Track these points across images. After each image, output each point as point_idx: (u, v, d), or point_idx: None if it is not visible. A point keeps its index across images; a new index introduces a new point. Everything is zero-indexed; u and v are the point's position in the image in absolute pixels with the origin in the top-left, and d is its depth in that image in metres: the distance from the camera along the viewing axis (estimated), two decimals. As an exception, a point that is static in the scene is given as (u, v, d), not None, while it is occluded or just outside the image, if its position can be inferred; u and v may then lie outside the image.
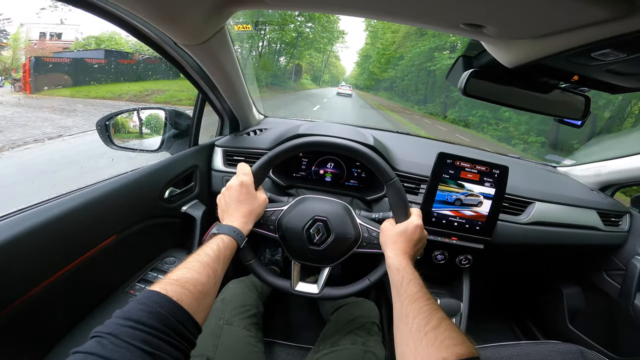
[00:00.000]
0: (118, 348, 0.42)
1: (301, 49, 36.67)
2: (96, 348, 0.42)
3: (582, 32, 0.54)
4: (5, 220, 0.67)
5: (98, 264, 0.87)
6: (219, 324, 0.98)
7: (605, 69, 0.68)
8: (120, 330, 0.44)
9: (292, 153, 0.91)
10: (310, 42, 37.50)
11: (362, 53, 51.15)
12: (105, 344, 0.42)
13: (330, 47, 43.75)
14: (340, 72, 74.01)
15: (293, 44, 33.45)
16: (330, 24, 37.12)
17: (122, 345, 0.42)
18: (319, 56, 47.07)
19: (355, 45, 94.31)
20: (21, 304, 0.68)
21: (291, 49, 33.78)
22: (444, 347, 0.52)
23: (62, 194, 0.82)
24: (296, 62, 34.40)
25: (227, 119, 1.41)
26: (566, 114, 0.89)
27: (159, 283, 0.55)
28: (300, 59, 38.24)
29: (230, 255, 0.73)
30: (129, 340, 0.43)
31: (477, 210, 1.14)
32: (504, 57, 0.76)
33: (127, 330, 0.44)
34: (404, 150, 1.38)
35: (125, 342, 0.43)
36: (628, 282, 1.41)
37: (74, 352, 0.41)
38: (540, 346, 1.06)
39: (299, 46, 34.99)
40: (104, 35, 8.05)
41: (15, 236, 0.65)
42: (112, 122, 1.21)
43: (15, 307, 0.67)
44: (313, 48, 39.61)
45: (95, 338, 0.43)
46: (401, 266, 0.75)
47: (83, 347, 0.42)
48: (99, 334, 0.44)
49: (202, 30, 0.80)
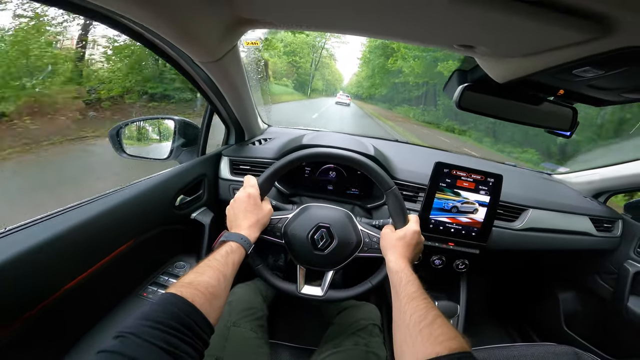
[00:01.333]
0: (140, 347, 0.45)
1: (271, 38, 26.19)
2: (120, 347, 0.45)
3: (563, 52, 0.59)
4: (34, 226, 0.72)
5: (115, 268, 0.91)
6: (227, 325, 1.01)
7: (587, 84, 0.73)
8: (142, 329, 0.48)
9: (295, 164, 0.97)
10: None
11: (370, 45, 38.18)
12: (128, 343, 0.46)
13: (322, 42, 35.95)
14: (337, 79, 65.69)
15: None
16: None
17: (143, 344, 0.46)
18: (304, 52, 37.48)
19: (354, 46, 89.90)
20: (44, 307, 0.72)
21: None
22: (438, 342, 0.56)
23: (84, 200, 0.86)
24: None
25: (234, 129, 1.46)
26: (555, 125, 0.93)
27: (173, 286, 0.59)
28: (269, 50, 27.04)
29: (238, 260, 0.77)
30: (150, 339, 0.46)
31: (473, 217, 1.19)
32: (495, 73, 0.82)
33: (148, 330, 0.48)
34: (403, 159, 1.43)
35: (146, 341, 0.46)
36: (621, 285, 1.46)
37: (100, 351, 0.45)
38: (536, 348, 1.08)
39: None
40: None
41: (43, 241, 0.69)
42: (123, 132, 1.25)
43: (41, 309, 0.71)
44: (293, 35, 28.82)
45: (118, 338, 0.47)
46: (400, 269, 0.79)
47: (108, 346, 0.45)
48: (122, 333, 0.47)
49: (218, 49, 0.86)
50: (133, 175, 1.10)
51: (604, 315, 1.58)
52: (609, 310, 1.52)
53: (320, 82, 51.82)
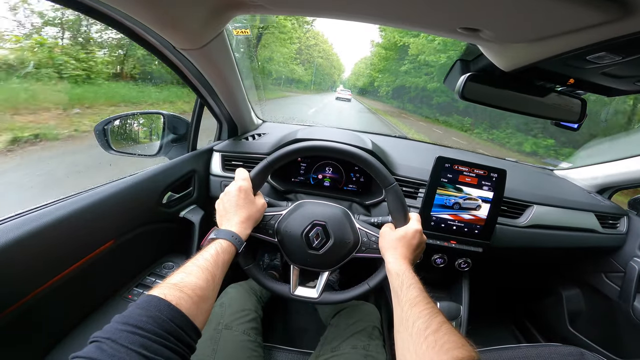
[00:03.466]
0: (117, 353, 0.42)
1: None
2: (95, 353, 0.41)
3: (578, 36, 0.55)
4: (1, 226, 0.67)
5: (96, 269, 0.87)
6: (217, 328, 0.97)
7: (601, 71, 0.69)
8: (119, 334, 0.44)
9: (290, 158, 0.91)
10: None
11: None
12: (104, 348, 0.42)
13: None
14: (335, 66, 56.31)
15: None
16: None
17: (120, 350, 0.42)
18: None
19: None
20: (16, 310, 0.67)
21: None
22: (443, 351, 0.53)
23: (59, 198, 0.81)
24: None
25: (226, 124, 1.41)
26: (563, 117, 0.90)
27: (157, 287, 0.55)
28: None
29: (229, 259, 0.72)
30: (128, 345, 0.43)
31: (476, 213, 1.15)
32: (500, 60, 0.77)
33: (126, 335, 0.44)
34: (403, 154, 1.39)
35: (124, 346, 0.42)
36: (627, 284, 1.42)
37: (73, 357, 0.41)
38: (542, 349, 1.06)
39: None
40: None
41: (12, 241, 0.64)
42: (110, 127, 1.20)
43: (10, 313, 0.66)
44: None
45: (94, 343, 0.43)
46: (401, 271, 0.75)
47: (82, 352, 0.42)
48: (97, 338, 0.44)
49: (202, 35, 0.81)
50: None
51: (610, 315, 1.54)
52: (615, 310, 1.48)
53: (308, 75, 41.57)
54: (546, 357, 1.02)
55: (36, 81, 4.50)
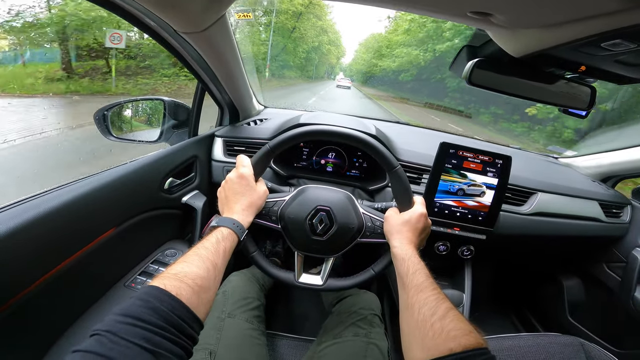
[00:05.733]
0: (117, 346, 0.41)
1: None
2: (95, 346, 0.41)
3: (593, 22, 0.53)
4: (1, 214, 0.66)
5: (98, 257, 0.86)
6: (220, 317, 0.97)
7: (615, 59, 0.66)
8: (119, 327, 0.43)
9: (292, 143, 0.89)
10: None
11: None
12: (104, 342, 0.41)
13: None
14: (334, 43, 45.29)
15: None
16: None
17: (120, 342, 0.41)
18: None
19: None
20: (19, 300, 0.66)
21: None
22: (450, 338, 0.52)
23: (60, 185, 0.80)
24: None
25: (227, 109, 1.39)
26: (571, 104, 0.88)
27: (157, 278, 0.54)
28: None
29: (230, 247, 0.71)
30: (128, 338, 0.42)
31: (480, 200, 1.14)
32: (510, 46, 0.75)
33: (126, 327, 0.43)
34: (406, 140, 1.37)
35: (124, 339, 0.41)
36: (628, 275, 1.41)
37: (74, 350, 0.40)
38: (542, 338, 1.07)
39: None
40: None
41: (12, 230, 0.63)
42: (110, 113, 1.19)
43: (14, 304, 0.65)
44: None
45: (94, 336, 0.42)
46: (407, 256, 0.74)
47: (82, 346, 0.41)
48: (98, 331, 0.43)
49: (203, 18, 0.79)
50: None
51: (610, 306, 1.54)
52: (616, 300, 1.48)
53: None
54: (546, 346, 1.03)
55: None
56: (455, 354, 0.49)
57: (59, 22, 6.26)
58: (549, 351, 1.02)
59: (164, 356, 0.43)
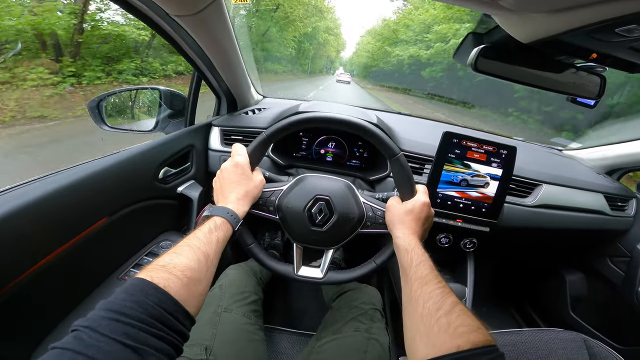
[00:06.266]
0: (96, 342, 0.38)
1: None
2: (72, 343, 0.38)
3: (608, 6, 0.50)
4: None
5: (88, 249, 0.83)
6: (217, 311, 0.95)
7: (629, 46, 0.63)
8: (100, 322, 0.40)
9: (289, 131, 0.86)
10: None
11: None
12: (82, 338, 0.38)
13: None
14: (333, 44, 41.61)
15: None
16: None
17: (100, 339, 0.38)
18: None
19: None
20: (7, 293, 0.63)
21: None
22: (457, 334, 0.49)
23: (47, 173, 0.77)
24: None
25: (225, 99, 1.36)
26: (580, 93, 0.85)
27: (144, 270, 0.51)
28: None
29: (224, 237, 0.68)
30: (108, 334, 0.39)
31: (484, 191, 1.11)
32: (518, 32, 0.72)
33: (107, 322, 0.40)
34: (408, 130, 1.34)
35: (104, 335, 0.39)
36: (632, 269, 1.39)
37: (52, 347, 0.38)
38: (544, 334, 1.07)
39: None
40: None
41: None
42: (105, 103, 1.17)
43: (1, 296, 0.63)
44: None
45: (73, 332, 0.40)
46: (410, 247, 0.71)
47: (60, 343, 0.38)
48: (77, 327, 0.40)
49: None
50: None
51: (613, 301, 1.52)
52: (619, 296, 1.46)
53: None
54: (548, 342, 1.02)
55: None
56: (464, 352, 0.47)
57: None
58: (551, 347, 1.01)
59: (149, 353, 0.41)
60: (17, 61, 5.75)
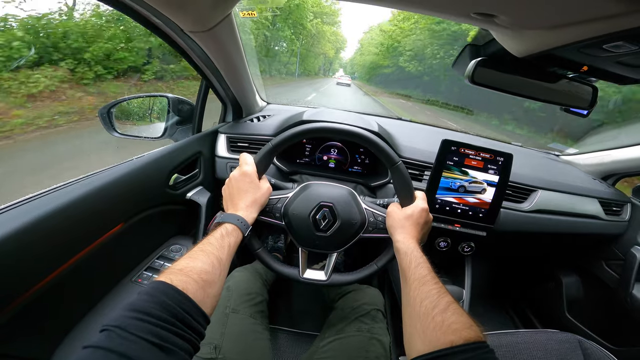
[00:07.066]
0: (126, 341, 0.41)
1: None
2: (104, 342, 0.41)
3: (595, 24, 0.53)
4: (12, 210, 0.66)
5: (105, 253, 0.87)
6: (225, 312, 0.98)
7: (616, 60, 0.67)
8: (128, 322, 0.44)
9: (294, 140, 0.90)
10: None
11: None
12: (113, 337, 0.42)
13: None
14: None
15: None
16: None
17: (129, 337, 0.42)
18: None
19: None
20: (31, 296, 0.67)
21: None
22: (451, 331, 0.53)
23: (70, 181, 0.81)
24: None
25: (230, 106, 1.40)
26: (573, 103, 0.88)
27: (163, 274, 0.54)
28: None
29: (234, 243, 0.72)
30: (137, 333, 0.42)
31: (481, 197, 1.15)
32: (513, 46, 0.76)
33: (135, 323, 0.44)
34: (407, 137, 1.38)
35: (133, 334, 0.42)
36: (627, 272, 1.42)
37: (85, 347, 0.41)
38: (540, 335, 1.09)
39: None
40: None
41: (22, 227, 0.63)
42: (115, 110, 1.21)
43: (25, 299, 0.66)
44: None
45: (104, 332, 0.43)
46: (409, 250, 0.75)
47: (92, 342, 0.42)
48: (107, 327, 0.43)
49: (210, 17, 0.79)
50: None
51: (607, 303, 1.55)
52: (613, 298, 1.49)
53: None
54: (544, 343, 1.05)
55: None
56: (456, 347, 0.50)
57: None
58: (546, 348, 1.03)
59: (172, 351, 0.44)
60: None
